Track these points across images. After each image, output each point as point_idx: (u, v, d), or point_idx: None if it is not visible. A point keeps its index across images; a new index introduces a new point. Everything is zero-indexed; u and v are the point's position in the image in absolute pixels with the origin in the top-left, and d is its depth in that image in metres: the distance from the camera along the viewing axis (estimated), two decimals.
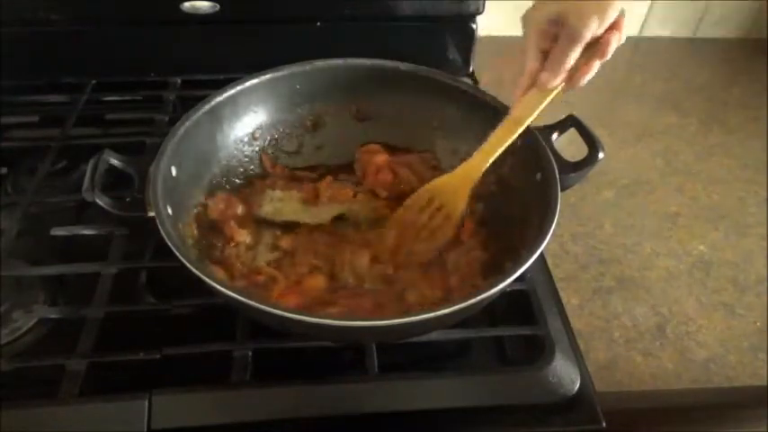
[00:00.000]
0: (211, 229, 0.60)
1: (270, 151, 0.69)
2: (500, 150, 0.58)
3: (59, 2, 0.77)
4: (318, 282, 0.58)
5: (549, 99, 0.56)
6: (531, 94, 0.56)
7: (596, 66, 0.53)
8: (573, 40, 0.51)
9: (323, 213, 0.64)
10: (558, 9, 0.51)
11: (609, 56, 0.53)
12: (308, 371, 0.53)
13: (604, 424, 0.51)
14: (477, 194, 0.65)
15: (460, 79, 0.68)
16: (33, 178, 0.68)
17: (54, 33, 0.80)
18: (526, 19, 0.54)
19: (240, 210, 0.62)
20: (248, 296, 0.45)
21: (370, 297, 0.57)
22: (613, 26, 0.51)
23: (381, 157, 0.68)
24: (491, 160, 0.58)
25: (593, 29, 0.50)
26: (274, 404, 0.50)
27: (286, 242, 0.62)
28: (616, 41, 0.52)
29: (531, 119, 0.56)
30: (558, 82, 0.54)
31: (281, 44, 0.83)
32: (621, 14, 0.51)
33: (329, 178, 0.67)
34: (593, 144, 0.58)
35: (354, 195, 0.66)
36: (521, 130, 0.57)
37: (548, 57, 0.54)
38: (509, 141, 0.58)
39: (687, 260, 0.76)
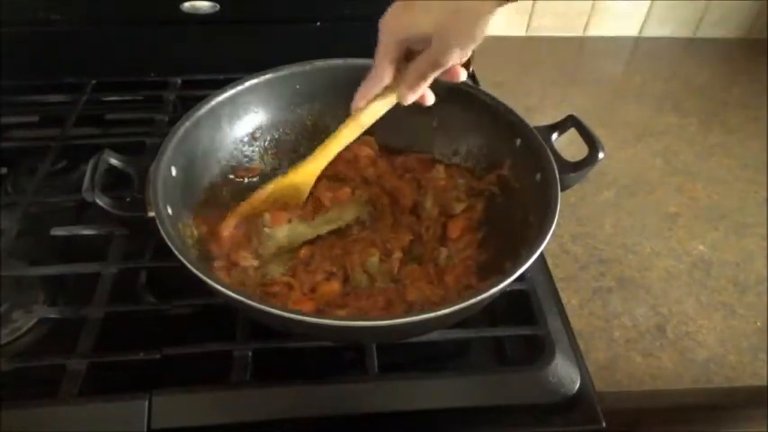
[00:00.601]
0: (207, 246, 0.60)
1: (270, 151, 0.69)
2: (338, 150, 0.60)
3: (59, 2, 0.77)
4: (334, 287, 0.58)
5: (392, 105, 0.56)
6: (378, 100, 0.56)
7: (461, 74, 0.54)
8: (434, 66, 0.50)
9: (331, 220, 0.64)
10: (423, 30, 0.49)
11: (459, 79, 0.54)
12: (308, 371, 0.53)
13: (604, 424, 0.51)
14: (477, 194, 0.65)
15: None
16: (33, 178, 0.68)
17: (54, 33, 0.80)
18: (387, 27, 0.51)
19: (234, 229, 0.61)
20: (248, 296, 0.45)
21: (380, 296, 0.57)
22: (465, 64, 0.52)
23: (366, 151, 0.69)
24: (329, 159, 0.60)
25: (455, 59, 0.49)
26: (274, 404, 0.50)
27: (303, 252, 0.61)
28: (463, 75, 0.54)
29: (371, 122, 0.58)
30: (415, 98, 0.54)
31: (281, 44, 0.83)
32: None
33: (324, 182, 0.66)
34: (593, 144, 0.58)
35: (353, 192, 0.66)
36: (361, 131, 0.58)
37: (404, 71, 0.53)
38: (349, 142, 0.59)
39: (687, 260, 0.76)
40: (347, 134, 0.59)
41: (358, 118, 0.57)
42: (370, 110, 0.57)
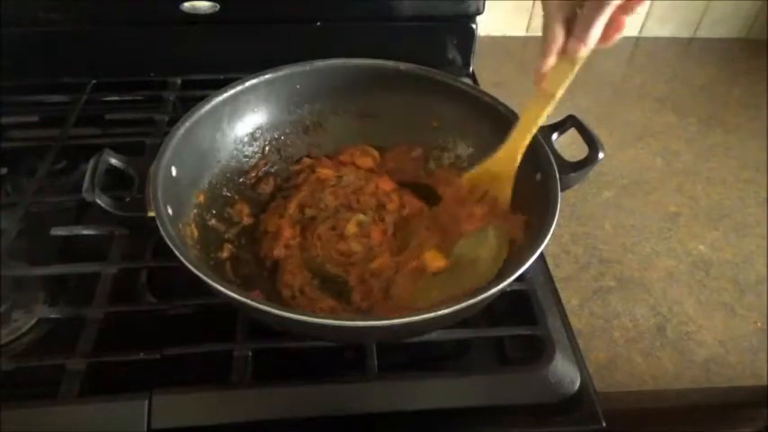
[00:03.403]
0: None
1: (270, 151, 0.69)
2: (536, 127, 0.56)
3: (59, 2, 0.77)
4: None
5: (577, 67, 0.52)
6: (558, 65, 0.52)
7: (625, 22, 0.50)
8: (603, 4, 0.47)
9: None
10: None
11: (637, 12, 0.50)
12: (308, 371, 0.53)
13: (604, 424, 0.51)
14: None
15: (460, 79, 0.68)
16: (33, 178, 0.68)
17: (54, 33, 0.80)
18: None
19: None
20: (248, 296, 0.45)
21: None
22: None
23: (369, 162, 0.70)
24: (529, 138, 0.57)
25: None
26: (274, 404, 0.50)
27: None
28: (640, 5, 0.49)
29: (562, 90, 0.54)
30: (588, 50, 0.51)
31: (281, 44, 0.83)
32: None
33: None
34: (593, 144, 0.58)
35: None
36: (553, 103, 0.55)
37: (574, 25, 0.50)
38: (543, 116, 0.56)
39: (687, 260, 0.76)
40: (536, 110, 0.55)
41: (543, 90, 0.54)
42: (553, 78, 0.53)
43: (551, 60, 0.52)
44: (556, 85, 0.53)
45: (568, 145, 0.61)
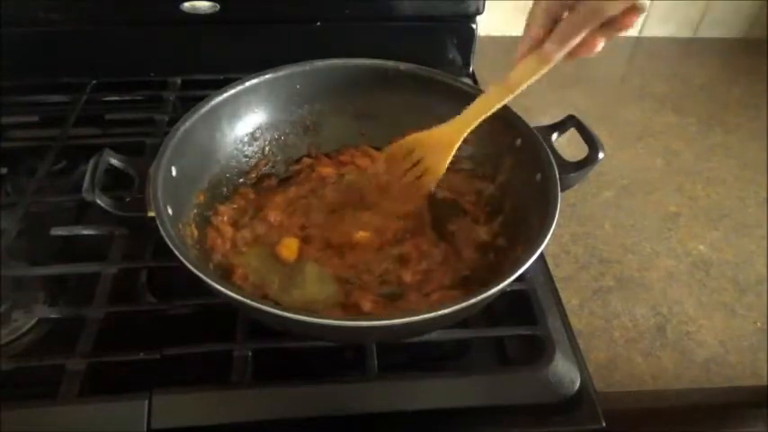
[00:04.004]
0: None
1: (270, 151, 0.69)
2: (487, 114, 0.57)
3: (59, 2, 0.77)
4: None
5: (546, 69, 0.52)
6: (528, 61, 0.52)
7: (602, 43, 0.51)
8: (592, 17, 0.47)
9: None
10: None
11: (628, 29, 0.50)
12: (308, 371, 0.53)
13: (604, 424, 0.51)
14: (477, 194, 0.65)
15: (461, 79, 0.68)
16: (33, 178, 0.68)
17: (54, 33, 0.80)
18: None
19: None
20: (248, 296, 0.45)
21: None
22: (634, 7, 0.48)
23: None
24: (477, 122, 0.58)
25: (615, 9, 0.47)
26: (274, 404, 0.50)
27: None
28: (635, 20, 0.50)
29: (523, 87, 0.54)
30: (562, 56, 0.51)
31: (281, 44, 0.83)
32: None
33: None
34: (593, 144, 0.58)
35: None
36: (511, 96, 0.55)
37: (555, 26, 0.50)
38: (497, 106, 0.57)
39: (687, 260, 0.76)
40: (495, 96, 0.56)
41: (506, 79, 0.54)
42: (519, 71, 0.53)
43: (523, 52, 0.52)
44: (520, 80, 0.54)
45: (568, 145, 0.61)
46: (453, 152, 0.60)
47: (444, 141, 0.60)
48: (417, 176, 0.62)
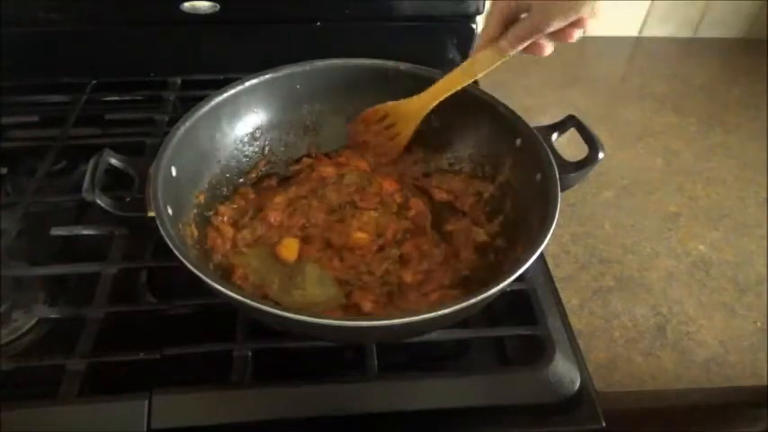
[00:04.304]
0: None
1: (270, 151, 0.69)
2: (450, 92, 0.63)
3: (59, 2, 0.77)
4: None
5: (501, 61, 0.59)
6: (487, 53, 0.59)
7: (550, 48, 0.57)
8: (534, 30, 0.54)
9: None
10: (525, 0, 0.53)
11: (570, 41, 0.56)
12: (308, 371, 0.53)
13: (604, 424, 0.51)
14: (477, 194, 0.65)
15: None
16: (33, 178, 0.68)
17: (54, 33, 0.80)
18: None
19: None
20: (248, 296, 0.45)
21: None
22: (577, 23, 0.53)
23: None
24: (438, 100, 0.64)
25: (554, 27, 0.53)
26: (274, 404, 0.50)
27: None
28: (577, 35, 0.55)
29: (482, 74, 0.61)
30: (515, 52, 0.57)
31: (281, 44, 0.83)
32: (591, 12, 0.53)
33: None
34: (593, 144, 0.58)
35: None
36: (470, 81, 0.62)
37: (510, 27, 0.56)
38: (457, 88, 0.62)
39: (687, 260, 0.76)
40: (457, 78, 0.62)
41: (466, 65, 0.61)
42: (478, 59, 0.60)
43: (480, 45, 0.60)
44: (479, 68, 0.61)
45: (568, 145, 0.61)
46: (420, 120, 0.66)
47: (413, 111, 0.66)
48: (390, 138, 0.69)
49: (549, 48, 0.57)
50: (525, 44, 0.56)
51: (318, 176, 0.68)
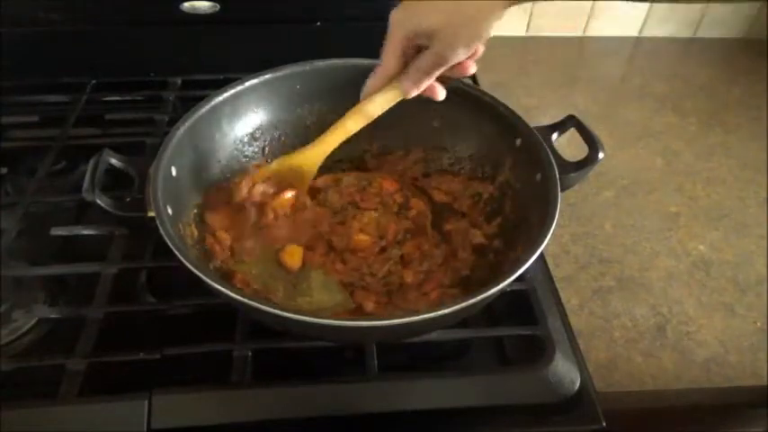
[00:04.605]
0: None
1: (270, 151, 0.69)
2: (346, 137, 0.60)
3: (59, 2, 0.77)
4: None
5: (400, 98, 0.57)
6: (385, 93, 0.57)
7: (443, 92, 0.56)
8: (438, 62, 0.52)
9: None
10: (430, 27, 0.50)
11: (468, 74, 0.55)
12: (308, 371, 0.53)
13: (604, 424, 0.51)
14: (477, 194, 0.65)
15: (460, 79, 0.68)
16: (33, 178, 0.68)
17: (54, 33, 0.80)
18: (394, 21, 0.53)
19: None
20: (248, 296, 0.45)
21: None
22: (473, 54, 0.52)
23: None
24: (337, 144, 0.60)
25: (459, 57, 0.51)
26: (274, 404, 0.50)
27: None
28: (472, 69, 0.54)
29: (379, 113, 0.58)
30: (418, 92, 0.55)
31: (281, 44, 0.83)
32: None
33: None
34: (593, 144, 0.58)
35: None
36: (368, 122, 0.59)
37: (409, 64, 0.54)
38: (355, 130, 0.60)
39: (687, 260, 0.76)
40: (352, 123, 0.59)
41: (364, 108, 0.58)
42: (377, 101, 0.57)
43: (378, 84, 0.56)
44: (377, 108, 0.58)
45: (568, 145, 0.61)
46: (313, 176, 0.62)
47: (307, 165, 0.62)
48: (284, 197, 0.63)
49: (442, 92, 0.56)
50: (430, 81, 0.54)
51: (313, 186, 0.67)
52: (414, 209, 0.65)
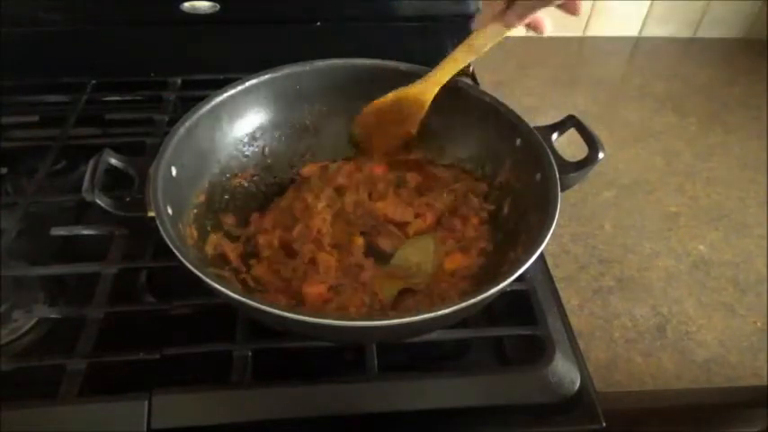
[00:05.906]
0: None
1: (270, 151, 0.69)
2: (456, 71, 0.64)
3: (59, 2, 0.77)
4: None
5: (507, 34, 0.59)
6: (491, 27, 0.60)
7: (550, 24, 0.58)
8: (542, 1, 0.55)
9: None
10: None
11: (578, 14, 0.57)
12: (308, 371, 0.53)
13: (604, 424, 0.51)
14: (477, 194, 0.65)
15: (461, 79, 0.68)
16: (33, 178, 0.68)
17: (54, 33, 0.80)
18: None
19: None
20: (248, 296, 0.45)
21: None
22: None
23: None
24: (447, 78, 0.64)
25: None
26: (274, 404, 0.50)
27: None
28: (582, 7, 0.57)
29: (486, 48, 0.61)
30: (521, 25, 0.58)
31: (281, 44, 0.83)
32: None
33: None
34: (593, 144, 0.58)
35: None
36: (475, 56, 0.62)
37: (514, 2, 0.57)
38: (464, 64, 0.63)
39: (687, 260, 0.76)
40: (462, 56, 0.63)
41: (472, 42, 0.62)
42: (484, 34, 0.60)
43: (485, 20, 0.60)
44: (484, 43, 0.61)
45: (568, 145, 0.61)
46: (428, 105, 0.66)
47: (420, 96, 0.65)
48: (399, 127, 0.68)
49: (549, 25, 0.58)
50: (531, 18, 0.56)
51: (301, 177, 0.69)
52: (411, 181, 0.67)
